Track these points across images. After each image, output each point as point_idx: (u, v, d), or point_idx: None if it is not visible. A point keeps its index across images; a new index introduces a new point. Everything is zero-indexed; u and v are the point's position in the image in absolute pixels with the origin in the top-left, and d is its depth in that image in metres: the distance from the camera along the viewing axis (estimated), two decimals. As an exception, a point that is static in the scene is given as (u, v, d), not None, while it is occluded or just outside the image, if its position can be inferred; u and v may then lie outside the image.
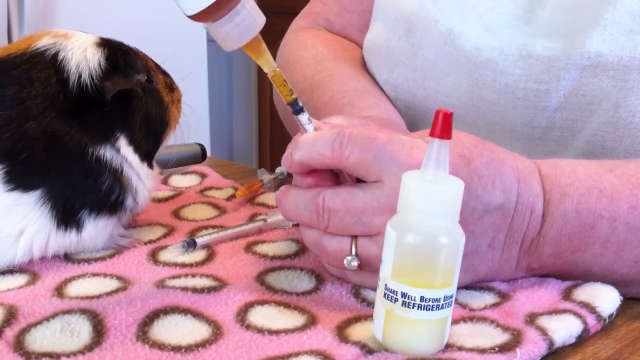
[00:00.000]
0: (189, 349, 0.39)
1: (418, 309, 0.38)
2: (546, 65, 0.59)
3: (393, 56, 0.69)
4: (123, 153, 0.51)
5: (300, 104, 0.48)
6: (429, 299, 0.38)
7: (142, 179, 0.53)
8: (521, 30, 0.62)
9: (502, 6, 0.63)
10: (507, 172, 0.45)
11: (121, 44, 0.54)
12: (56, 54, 0.50)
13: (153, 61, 0.57)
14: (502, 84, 0.62)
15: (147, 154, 0.54)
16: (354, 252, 0.45)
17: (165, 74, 0.58)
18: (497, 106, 0.62)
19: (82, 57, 0.50)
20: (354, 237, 0.45)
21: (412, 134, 0.45)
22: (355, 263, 0.45)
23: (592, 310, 0.44)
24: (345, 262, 0.45)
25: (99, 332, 0.40)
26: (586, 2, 0.59)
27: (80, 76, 0.49)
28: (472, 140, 0.46)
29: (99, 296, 0.45)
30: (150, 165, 0.55)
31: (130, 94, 0.52)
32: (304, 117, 0.48)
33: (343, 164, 0.44)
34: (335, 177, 0.48)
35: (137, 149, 0.52)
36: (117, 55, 0.51)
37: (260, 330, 0.41)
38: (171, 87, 0.58)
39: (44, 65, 0.50)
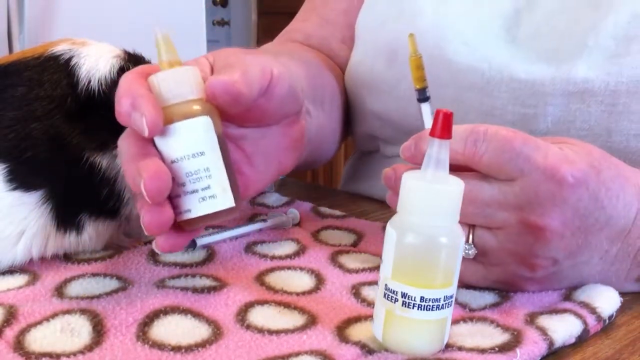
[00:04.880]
0: (189, 349, 0.39)
1: (418, 309, 0.38)
2: (531, 89, 0.59)
3: (375, 84, 0.69)
4: (119, 162, 0.51)
5: (428, 94, 0.49)
6: (429, 299, 0.38)
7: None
8: (501, 50, 0.61)
9: (486, 30, 0.63)
10: (630, 187, 0.46)
11: (141, 58, 0.54)
12: (70, 59, 0.50)
13: None
14: (489, 107, 0.61)
15: None
16: (470, 241, 0.45)
17: None
18: None
19: (94, 64, 0.50)
20: (472, 227, 0.45)
21: (539, 139, 0.46)
22: (472, 252, 0.45)
23: (592, 310, 0.44)
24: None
25: (99, 332, 0.40)
26: (566, 31, 0.59)
27: (89, 81, 0.49)
28: (601, 152, 0.47)
29: (99, 296, 0.45)
30: None
31: None
32: (426, 107, 0.49)
33: (475, 162, 0.44)
34: None
35: None
36: (130, 67, 0.52)
37: (260, 330, 0.41)
38: None
39: (55, 69, 0.50)
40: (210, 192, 0.43)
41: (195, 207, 0.43)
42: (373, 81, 0.69)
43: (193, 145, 0.42)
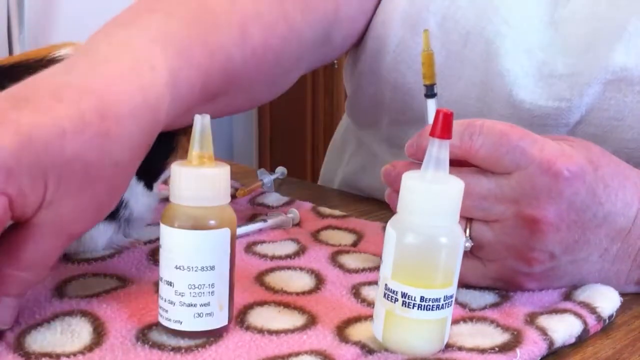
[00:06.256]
0: (189, 349, 0.39)
1: (418, 309, 0.38)
2: (568, 82, 0.57)
3: (395, 53, 0.66)
4: None
5: (436, 91, 0.50)
6: (429, 299, 0.38)
7: (134, 194, 0.52)
8: (541, 35, 0.59)
9: (527, 9, 0.61)
10: (630, 186, 0.46)
11: None
12: None
13: None
14: (519, 100, 0.59)
15: (144, 172, 0.53)
16: (467, 234, 0.45)
17: None
18: (509, 120, 0.59)
19: None
20: (469, 220, 0.45)
21: (541, 136, 0.46)
22: (468, 244, 0.45)
23: (592, 310, 0.44)
24: None
25: (99, 332, 0.40)
26: (607, 14, 0.58)
27: None
28: (600, 149, 0.47)
29: (98, 296, 0.45)
30: (149, 186, 0.54)
31: None
32: (432, 104, 0.50)
33: (472, 155, 0.44)
34: None
35: None
36: None
37: (260, 331, 0.41)
38: None
39: None
40: (209, 310, 0.39)
41: (188, 321, 0.39)
42: (394, 49, 0.66)
43: (206, 258, 0.39)
